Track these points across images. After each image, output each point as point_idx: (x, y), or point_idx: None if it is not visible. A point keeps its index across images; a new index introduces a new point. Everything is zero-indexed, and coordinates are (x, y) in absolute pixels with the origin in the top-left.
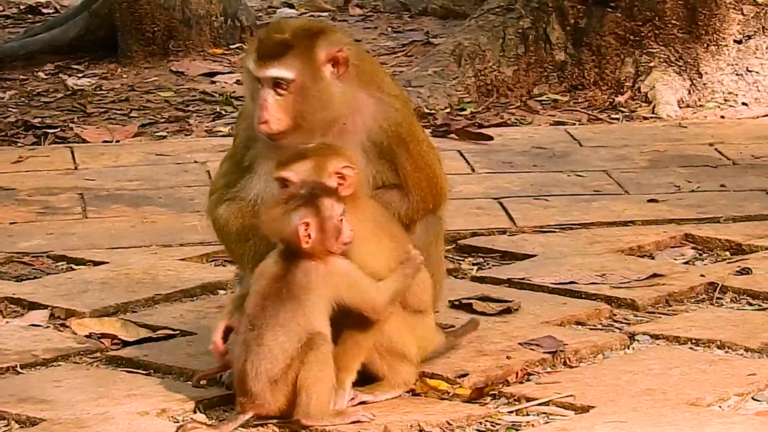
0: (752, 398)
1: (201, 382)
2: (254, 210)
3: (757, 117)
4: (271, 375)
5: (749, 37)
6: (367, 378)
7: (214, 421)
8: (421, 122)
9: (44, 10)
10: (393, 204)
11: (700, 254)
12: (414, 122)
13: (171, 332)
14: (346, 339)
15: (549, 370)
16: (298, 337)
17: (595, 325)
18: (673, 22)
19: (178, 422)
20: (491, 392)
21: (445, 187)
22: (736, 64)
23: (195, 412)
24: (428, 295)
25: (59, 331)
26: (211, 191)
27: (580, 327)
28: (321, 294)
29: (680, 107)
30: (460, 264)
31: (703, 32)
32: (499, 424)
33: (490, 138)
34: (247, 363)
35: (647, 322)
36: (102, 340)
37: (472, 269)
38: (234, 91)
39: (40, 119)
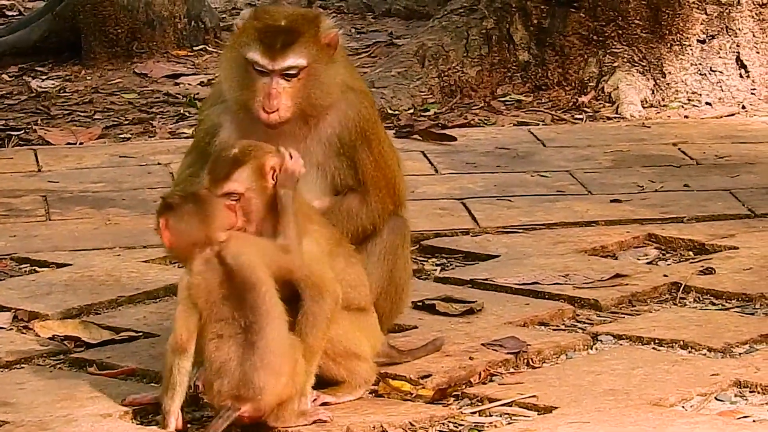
0: (715, 398)
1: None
2: None
3: (721, 117)
4: (277, 369)
5: (713, 37)
6: (326, 383)
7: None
8: (384, 123)
9: (8, 13)
10: (353, 211)
11: (664, 254)
12: (378, 120)
13: (134, 334)
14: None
15: (512, 370)
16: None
17: (558, 326)
18: (637, 21)
19: (141, 424)
20: (454, 393)
21: (403, 190)
22: (700, 64)
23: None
24: (366, 290)
25: (22, 333)
26: (175, 183)
27: (543, 327)
28: (261, 268)
29: (644, 107)
30: (424, 265)
31: (667, 32)
32: (462, 425)
33: (454, 138)
34: (249, 361)
35: (610, 322)
36: (65, 342)
37: (436, 270)
38: (198, 93)
39: (3, 121)
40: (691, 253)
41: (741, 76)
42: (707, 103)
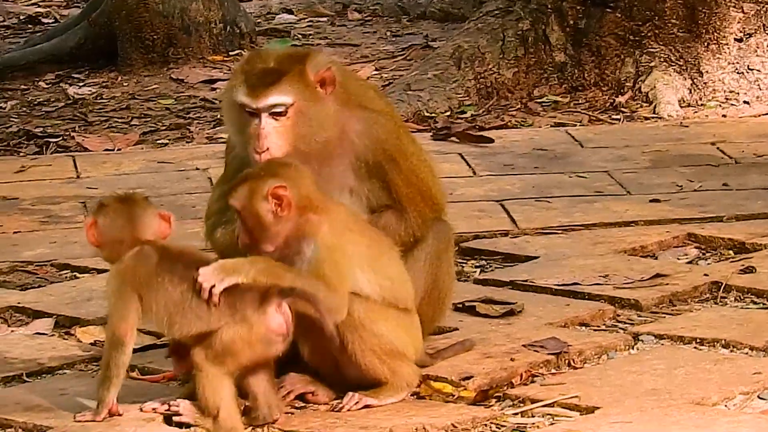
0: (758, 397)
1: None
2: None
3: (759, 115)
4: None
5: (750, 36)
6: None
7: None
8: (421, 126)
9: (44, 20)
10: (391, 227)
11: (704, 254)
12: (402, 136)
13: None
14: None
15: (553, 371)
16: None
17: (598, 326)
18: (673, 21)
19: (183, 427)
20: (496, 394)
21: (441, 199)
22: (737, 63)
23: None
24: (410, 289)
25: (64, 339)
26: (206, 216)
27: (583, 328)
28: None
29: (681, 107)
30: (463, 267)
31: (704, 31)
32: (504, 426)
33: (491, 140)
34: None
35: (651, 322)
36: None
37: (475, 272)
38: None
39: (41, 129)
40: (731, 252)
41: None
42: (745, 102)
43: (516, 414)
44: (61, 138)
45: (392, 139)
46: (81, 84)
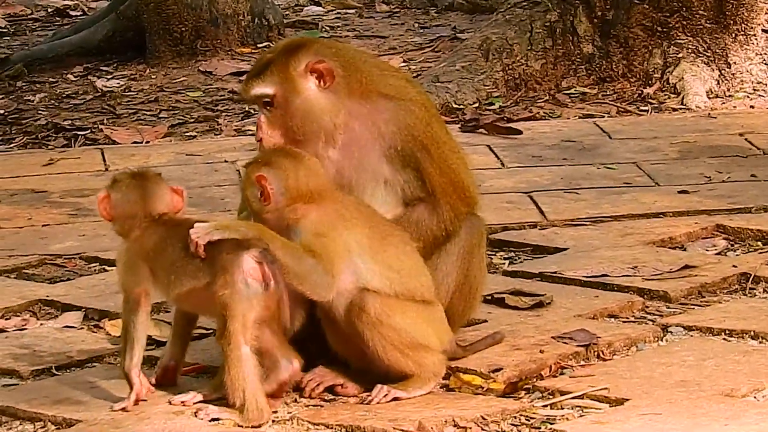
0: None
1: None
2: None
3: None
4: None
5: None
6: (395, 379)
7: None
8: (449, 117)
9: (72, 13)
10: (423, 221)
11: (732, 245)
12: (432, 123)
13: (204, 331)
14: None
15: (583, 363)
16: None
17: (627, 318)
18: (701, 12)
19: (213, 420)
20: (525, 386)
21: (473, 192)
22: (765, 54)
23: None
24: (428, 281)
25: (93, 332)
26: (239, 210)
27: (612, 320)
28: None
29: (709, 98)
30: (492, 258)
31: (731, 22)
32: (533, 418)
33: (519, 132)
34: None
35: (680, 313)
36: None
37: (504, 264)
38: None
39: (70, 121)
40: (759, 243)
41: None
42: None
43: (545, 406)
44: (89, 131)
45: (421, 125)
46: (109, 77)
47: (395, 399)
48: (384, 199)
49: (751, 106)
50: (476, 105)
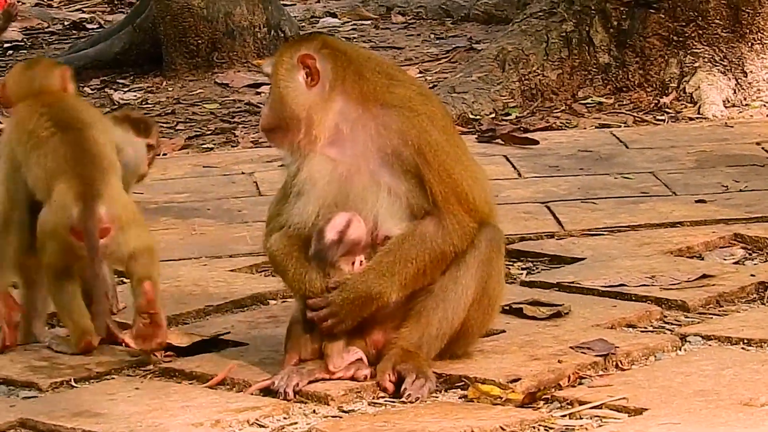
0: None
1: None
2: (293, 234)
3: None
4: None
5: None
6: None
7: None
8: (465, 128)
9: (89, 26)
10: (428, 235)
11: (750, 254)
12: (431, 132)
13: (221, 338)
14: None
15: (601, 373)
16: None
17: (645, 328)
18: (717, 21)
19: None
20: (544, 396)
21: (480, 205)
22: None
23: (248, 423)
24: None
25: (111, 345)
26: (266, 222)
27: (631, 329)
28: None
29: (726, 107)
30: (509, 269)
31: (747, 31)
32: (552, 428)
33: (536, 142)
34: None
35: (698, 323)
36: (155, 352)
37: (522, 274)
38: None
39: None
40: None
41: None
42: None
43: (564, 416)
44: None
45: (414, 131)
46: (126, 89)
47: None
48: (389, 209)
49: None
50: (493, 115)
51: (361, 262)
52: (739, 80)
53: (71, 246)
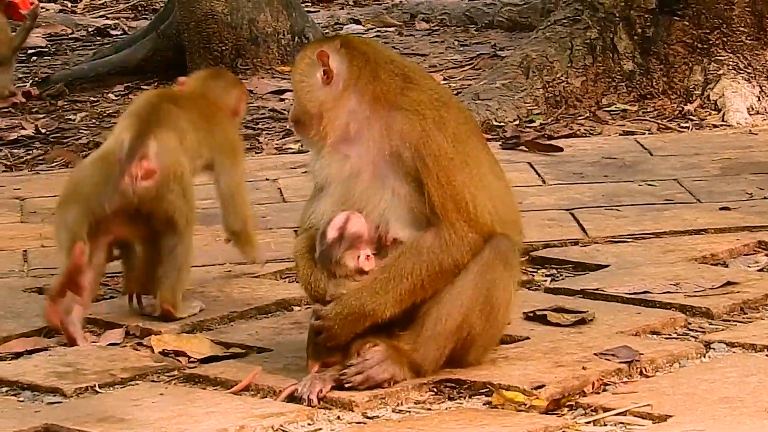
0: None
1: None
2: (312, 234)
3: None
4: None
5: None
6: None
7: None
8: (489, 135)
9: (113, 32)
10: (423, 246)
11: None
12: (435, 137)
13: (239, 351)
14: None
15: (625, 379)
16: None
17: (670, 334)
18: (741, 29)
19: None
20: (568, 403)
21: (482, 216)
22: None
23: (273, 429)
24: None
25: (136, 350)
26: (300, 222)
27: (655, 336)
28: None
29: (750, 114)
30: (534, 276)
31: None
32: None
33: (560, 149)
34: None
35: (722, 330)
36: (179, 358)
37: (546, 281)
38: None
39: None
40: None
41: None
42: None
43: (588, 423)
44: None
45: (416, 134)
46: None
47: None
48: (395, 211)
49: None
50: (517, 122)
51: (368, 256)
52: (763, 88)
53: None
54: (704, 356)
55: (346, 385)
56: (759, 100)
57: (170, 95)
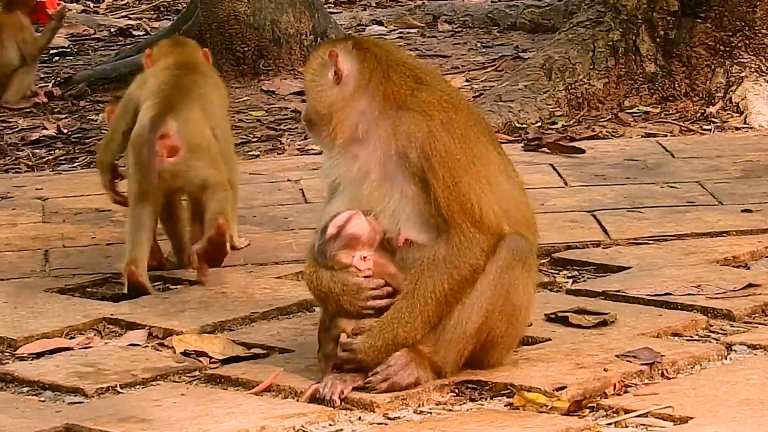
0: None
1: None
2: None
3: None
4: None
5: None
6: None
7: None
8: (511, 136)
9: (135, 33)
10: (441, 259)
11: None
12: (442, 138)
13: (261, 351)
14: None
15: (647, 381)
16: None
17: (691, 336)
18: (764, 31)
19: None
20: (589, 405)
21: (489, 219)
22: None
23: (294, 429)
24: None
25: (157, 350)
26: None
27: (676, 338)
28: None
29: None
30: (555, 277)
31: None
32: None
33: (582, 151)
34: None
35: (744, 332)
36: (200, 358)
37: (567, 282)
38: None
39: None
40: None
41: None
42: None
43: (610, 424)
44: None
45: (422, 134)
46: None
47: None
48: (404, 211)
49: None
50: (539, 124)
51: (364, 257)
52: None
53: (144, 163)
54: (725, 358)
55: (372, 392)
56: None
57: (192, 64)
